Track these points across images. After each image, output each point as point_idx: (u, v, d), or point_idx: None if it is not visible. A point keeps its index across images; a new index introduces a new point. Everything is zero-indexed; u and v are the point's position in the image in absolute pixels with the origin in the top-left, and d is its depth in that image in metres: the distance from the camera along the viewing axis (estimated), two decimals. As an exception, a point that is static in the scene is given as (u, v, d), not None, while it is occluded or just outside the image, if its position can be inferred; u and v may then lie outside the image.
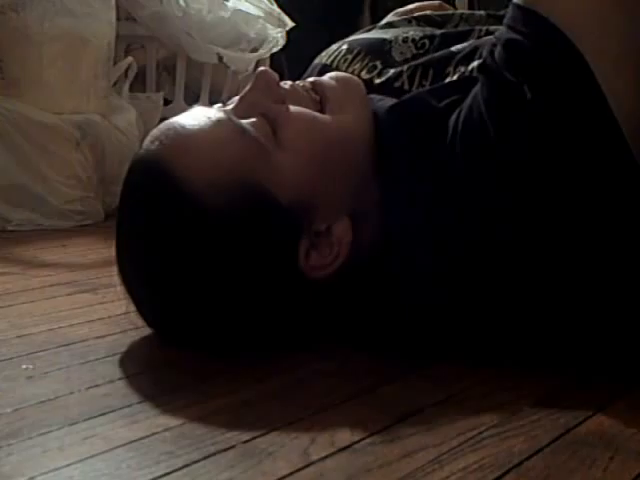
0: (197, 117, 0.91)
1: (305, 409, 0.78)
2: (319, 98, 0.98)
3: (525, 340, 0.90)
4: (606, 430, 0.75)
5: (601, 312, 0.88)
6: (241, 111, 0.93)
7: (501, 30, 0.91)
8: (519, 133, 0.85)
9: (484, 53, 0.93)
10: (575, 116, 0.83)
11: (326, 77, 1.00)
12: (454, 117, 0.92)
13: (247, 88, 0.96)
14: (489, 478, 0.65)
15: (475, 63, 0.98)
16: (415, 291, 0.92)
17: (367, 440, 0.71)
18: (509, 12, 0.90)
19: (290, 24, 2.59)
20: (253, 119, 0.92)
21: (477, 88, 0.91)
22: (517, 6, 0.89)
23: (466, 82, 0.95)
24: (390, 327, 0.92)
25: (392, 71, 1.07)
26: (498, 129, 0.86)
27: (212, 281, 0.89)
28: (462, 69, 1.00)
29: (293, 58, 2.47)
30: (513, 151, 0.85)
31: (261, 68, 0.98)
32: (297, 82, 0.99)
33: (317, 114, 0.95)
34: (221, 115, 0.91)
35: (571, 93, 0.84)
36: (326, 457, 0.68)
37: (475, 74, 0.95)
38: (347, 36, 1.19)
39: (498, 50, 0.88)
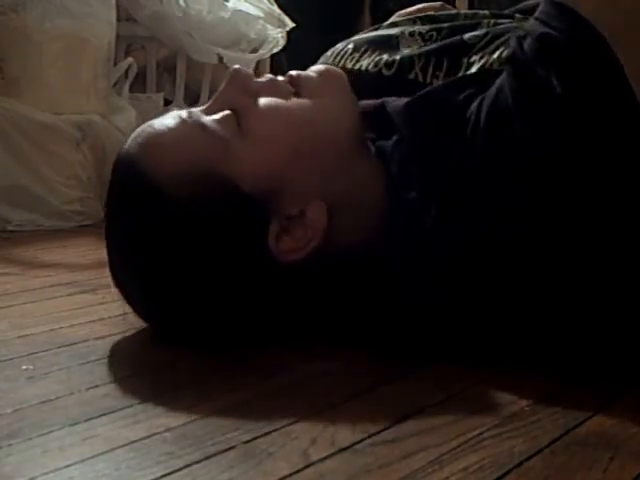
0: (167, 117, 0.98)
1: (305, 409, 0.78)
2: (294, 90, 0.99)
3: (525, 340, 0.90)
4: (606, 430, 0.75)
5: (601, 312, 0.88)
6: (215, 107, 0.98)
7: (532, 23, 0.91)
8: (546, 126, 0.85)
9: (512, 44, 0.93)
10: (603, 113, 0.84)
11: (306, 70, 1.02)
12: (474, 108, 0.91)
13: (222, 85, 0.99)
14: (489, 478, 0.65)
15: (495, 55, 0.99)
16: (415, 291, 0.92)
17: (367, 440, 0.71)
18: (541, 6, 0.91)
19: (290, 24, 2.59)
20: (220, 114, 0.96)
21: (502, 79, 0.90)
22: (551, 1, 0.89)
23: (486, 75, 0.96)
24: (390, 327, 0.92)
25: (399, 57, 1.07)
26: (525, 121, 0.86)
27: (183, 269, 0.92)
28: (481, 61, 1.00)
29: (293, 58, 2.47)
30: (539, 143, 0.85)
31: (235, 66, 1.01)
32: (277, 76, 1.01)
33: (282, 101, 0.97)
34: (185, 114, 0.97)
35: (600, 90, 0.84)
36: (326, 457, 0.68)
37: (496, 67, 0.96)
38: (347, 36, 1.19)
39: (529, 43, 0.89)
